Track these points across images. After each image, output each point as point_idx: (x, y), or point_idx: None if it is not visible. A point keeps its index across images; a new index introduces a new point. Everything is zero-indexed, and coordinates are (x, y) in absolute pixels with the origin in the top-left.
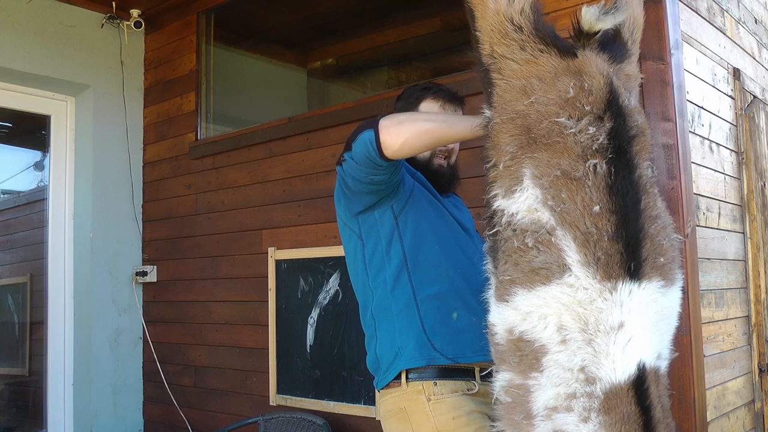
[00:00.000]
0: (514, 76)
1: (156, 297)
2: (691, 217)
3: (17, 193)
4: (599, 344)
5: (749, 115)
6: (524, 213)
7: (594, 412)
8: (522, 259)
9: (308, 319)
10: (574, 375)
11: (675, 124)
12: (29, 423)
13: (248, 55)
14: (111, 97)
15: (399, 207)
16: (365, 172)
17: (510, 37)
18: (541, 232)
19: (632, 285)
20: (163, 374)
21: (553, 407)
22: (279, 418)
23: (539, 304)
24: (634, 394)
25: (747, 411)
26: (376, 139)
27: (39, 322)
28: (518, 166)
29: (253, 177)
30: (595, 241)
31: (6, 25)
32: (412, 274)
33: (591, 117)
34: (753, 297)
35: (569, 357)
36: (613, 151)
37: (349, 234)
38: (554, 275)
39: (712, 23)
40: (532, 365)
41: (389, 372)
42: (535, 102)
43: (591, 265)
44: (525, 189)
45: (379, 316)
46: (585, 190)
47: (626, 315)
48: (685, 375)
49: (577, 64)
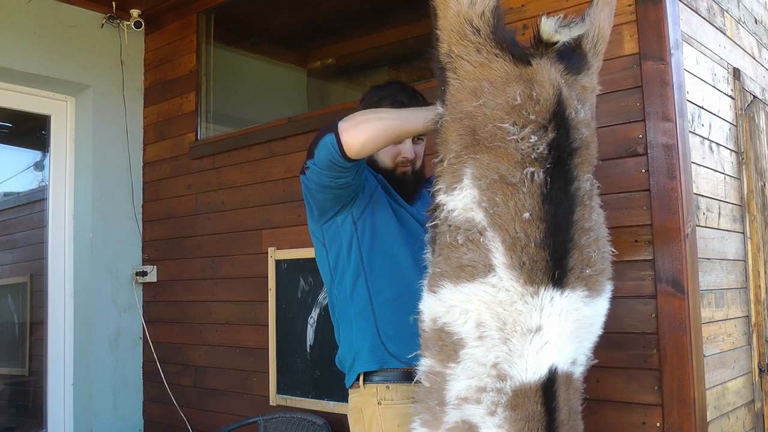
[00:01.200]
0: (467, 77)
1: (156, 297)
2: (691, 217)
3: (17, 193)
4: (515, 344)
5: (749, 115)
6: (460, 211)
7: (501, 407)
8: (452, 254)
9: (308, 319)
10: (486, 370)
11: (675, 124)
12: (29, 423)
13: (248, 55)
14: (111, 97)
15: (358, 212)
16: (330, 176)
17: (468, 39)
18: (473, 231)
19: (555, 292)
20: (163, 374)
21: (464, 398)
22: (279, 418)
23: (462, 300)
24: (542, 395)
25: (747, 411)
26: (337, 142)
27: (39, 322)
28: (461, 165)
29: (253, 177)
30: (522, 246)
31: (6, 25)
32: (368, 278)
33: (534, 126)
34: (753, 297)
35: (484, 353)
36: (552, 161)
37: (315, 242)
38: (479, 274)
39: (712, 23)
40: (451, 356)
41: (350, 374)
42: (483, 105)
43: (516, 268)
44: (464, 188)
45: (341, 320)
46: (519, 196)
47: (545, 320)
48: (685, 375)
49: (530, 72)
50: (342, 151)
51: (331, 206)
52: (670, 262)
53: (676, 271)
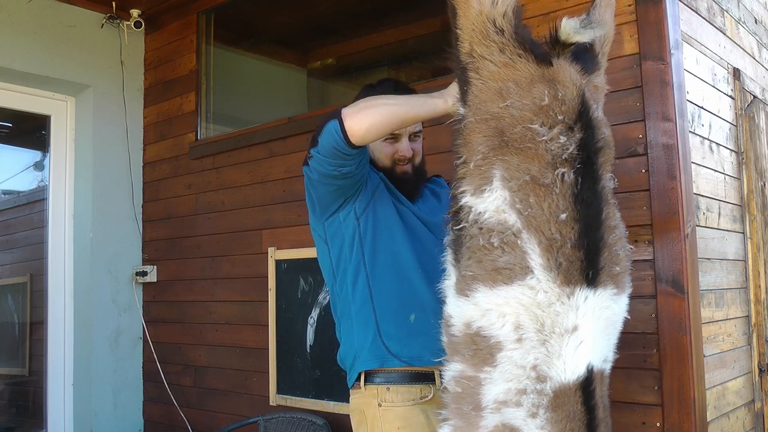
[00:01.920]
0: (491, 77)
1: (156, 297)
2: (691, 217)
3: (17, 193)
4: (553, 345)
5: (749, 115)
6: (492, 213)
7: (542, 408)
8: (486, 257)
9: (308, 319)
10: (526, 372)
11: (675, 124)
12: (29, 423)
13: (248, 55)
14: (111, 97)
15: (361, 208)
16: (333, 164)
17: (491, 39)
18: (507, 234)
19: (588, 291)
20: (163, 374)
21: (503, 401)
22: (279, 418)
23: (499, 303)
24: (581, 394)
25: (747, 411)
26: (341, 128)
27: (39, 322)
28: (489, 166)
29: (253, 177)
30: (559, 247)
31: (6, 25)
32: (370, 275)
33: (562, 126)
34: (753, 297)
35: (523, 355)
36: (581, 161)
37: (317, 239)
38: (517, 276)
39: (712, 23)
40: (486, 360)
41: (351, 373)
42: (511, 106)
43: (553, 269)
44: (494, 190)
45: (342, 318)
46: (552, 197)
47: (580, 319)
48: (685, 375)
49: (552, 73)
50: (346, 137)
51: (333, 200)
52: (670, 262)
53: (676, 271)
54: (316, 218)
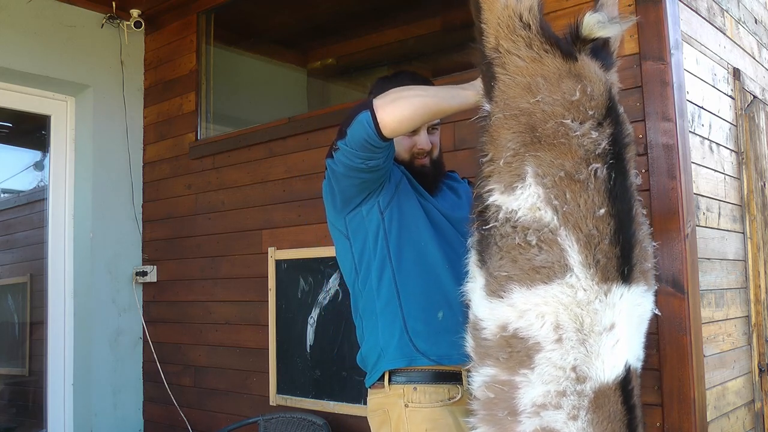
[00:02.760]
0: (519, 72)
1: (156, 297)
2: (691, 217)
3: (17, 193)
4: (592, 344)
5: (749, 115)
6: (526, 210)
7: (583, 410)
8: (521, 256)
9: (308, 319)
10: (565, 373)
11: (675, 124)
12: (29, 423)
13: (248, 55)
14: (111, 97)
15: (385, 202)
16: (362, 157)
17: (517, 33)
18: (544, 231)
19: (624, 288)
20: (163, 374)
21: (541, 404)
22: (279, 418)
23: (538, 302)
24: (620, 394)
25: (747, 411)
26: (373, 119)
27: (39, 322)
28: (520, 163)
29: (253, 177)
30: (596, 244)
31: (6, 25)
32: (396, 271)
33: (593, 122)
34: (753, 297)
35: (563, 355)
36: (613, 156)
37: (337, 235)
38: (556, 274)
39: (712, 23)
40: (523, 362)
41: (374, 372)
42: (541, 101)
43: (591, 266)
44: (527, 186)
45: (365, 315)
46: (588, 193)
47: (617, 317)
48: (685, 375)
49: (578, 68)
50: (378, 130)
51: (356, 193)
52: (670, 262)
53: (676, 271)
54: (336, 212)
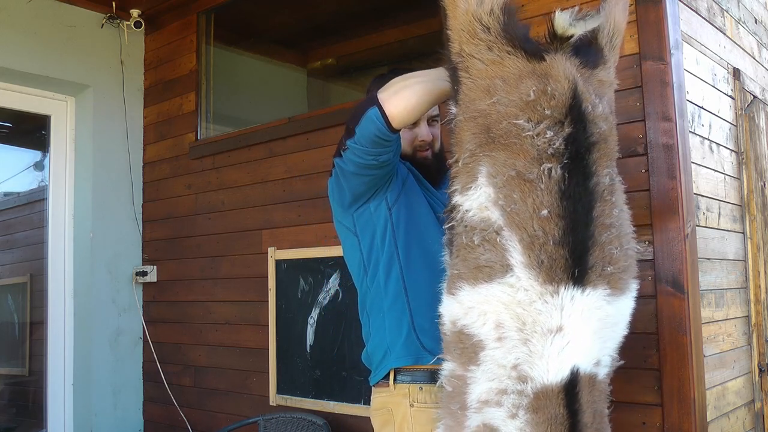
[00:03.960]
0: (480, 75)
1: (156, 297)
2: (691, 217)
3: (17, 193)
4: (535, 345)
5: (749, 115)
6: (476, 210)
7: (522, 409)
8: (469, 255)
9: (308, 319)
10: (507, 372)
11: (675, 124)
12: (29, 423)
13: (248, 55)
14: (111, 97)
15: (393, 198)
16: (373, 153)
17: (478, 37)
18: (489, 231)
19: (575, 291)
20: (163, 374)
21: (485, 400)
22: (279, 418)
23: (480, 301)
24: (564, 397)
25: (747, 411)
26: (382, 114)
27: (39, 322)
28: (476, 163)
29: (253, 177)
30: (541, 245)
31: (6, 25)
32: (404, 269)
33: (550, 121)
34: (753, 297)
35: (504, 354)
36: (570, 156)
37: (344, 232)
38: (497, 274)
39: (712, 23)
40: (471, 358)
41: (379, 370)
42: (497, 102)
43: (534, 267)
44: (479, 186)
45: (372, 313)
46: (537, 193)
47: (566, 319)
48: (685, 375)
49: (544, 68)
50: (387, 123)
51: (365, 190)
52: (670, 262)
53: (676, 271)
54: (344, 210)
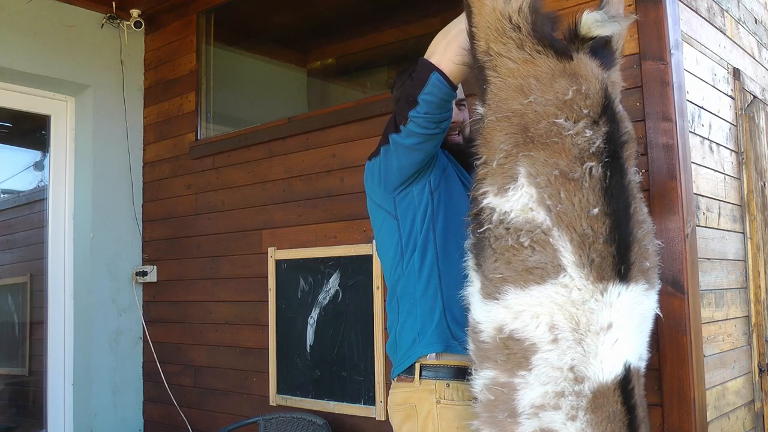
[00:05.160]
0: (510, 74)
1: (156, 297)
2: (691, 217)
3: (17, 193)
4: (589, 344)
5: (749, 115)
6: (518, 212)
7: (581, 410)
8: (515, 257)
9: (308, 319)
10: (563, 374)
11: (675, 124)
12: (29, 423)
13: (248, 55)
14: (111, 97)
15: (435, 182)
16: (438, 119)
17: (507, 36)
18: (536, 232)
19: (621, 287)
20: (163, 374)
21: (540, 405)
22: (279, 418)
23: (532, 303)
24: (620, 394)
25: (747, 411)
26: (443, 76)
27: (39, 322)
28: (512, 164)
29: (253, 177)
30: (591, 243)
31: (6, 25)
32: (440, 255)
33: (588, 120)
34: (753, 297)
35: (559, 356)
36: (608, 155)
37: (383, 215)
38: (549, 275)
39: (712, 23)
40: (520, 364)
41: (406, 358)
42: (534, 102)
43: (585, 266)
44: (520, 187)
45: (403, 298)
46: (582, 192)
47: (615, 316)
48: (685, 375)
49: (573, 67)
50: (450, 82)
51: (415, 170)
52: (670, 262)
53: (676, 271)
54: (387, 193)
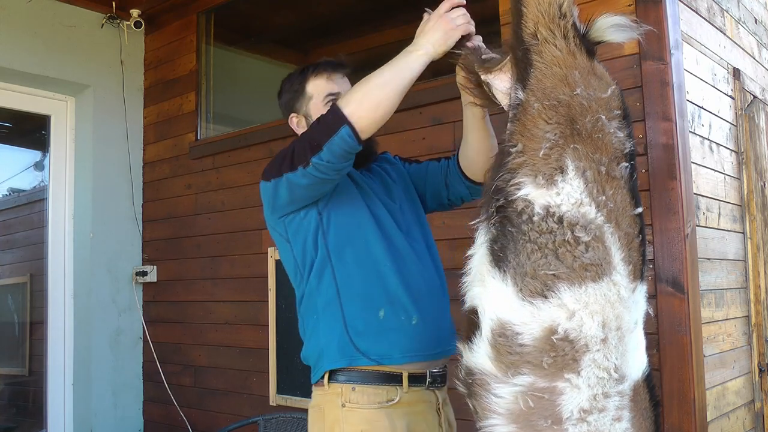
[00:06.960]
0: (555, 63)
1: (156, 297)
2: (691, 217)
3: (17, 193)
4: (627, 342)
5: (749, 115)
6: (570, 206)
7: (626, 410)
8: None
9: None
10: (608, 374)
11: (675, 124)
12: (29, 423)
13: (248, 55)
14: (111, 97)
15: (323, 202)
16: (339, 168)
17: (556, 23)
18: (591, 227)
19: (642, 287)
20: (163, 374)
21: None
22: (279, 418)
23: (589, 301)
24: (647, 390)
25: (747, 411)
26: (353, 132)
27: (39, 322)
28: (559, 155)
29: (253, 177)
30: (630, 241)
31: (6, 25)
32: (336, 271)
33: (618, 121)
34: (753, 297)
35: (605, 356)
36: (632, 157)
37: (278, 237)
38: (605, 272)
39: (712, 23)
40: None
41: (315, 372)
42: (579, 95)
43: (627, 264)
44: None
45: (306, 314)
46: (623, 191)
47: (639, 314)
48: (685, 375)
49: (596, 68)
50: (358, 138)
51: (307, 202)
52: (670, 262)
53: (676, 271)
54: (276, 217)
